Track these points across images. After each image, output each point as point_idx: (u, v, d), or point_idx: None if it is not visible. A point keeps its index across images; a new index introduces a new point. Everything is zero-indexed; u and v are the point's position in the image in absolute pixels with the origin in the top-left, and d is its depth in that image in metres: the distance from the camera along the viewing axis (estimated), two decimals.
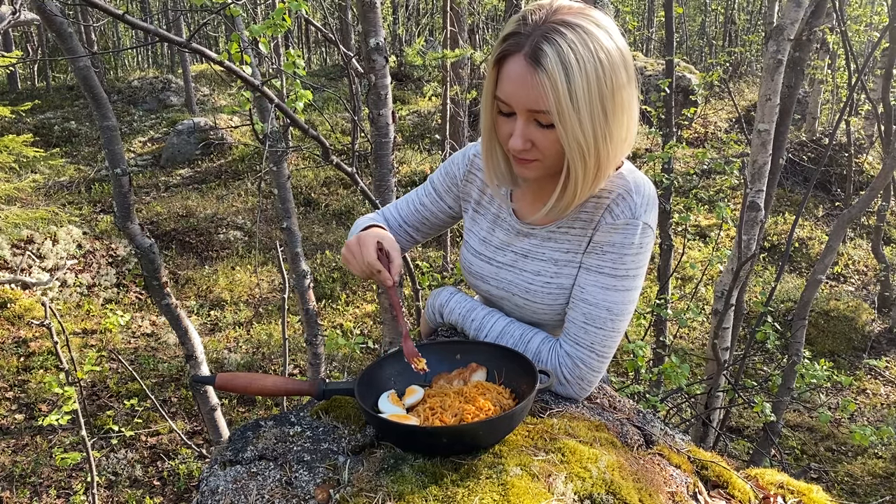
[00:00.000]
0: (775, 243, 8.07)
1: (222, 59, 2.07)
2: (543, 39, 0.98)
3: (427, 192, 1.41)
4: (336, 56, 16.68)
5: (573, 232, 1.19)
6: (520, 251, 1.25)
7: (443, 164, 1.41)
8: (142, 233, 2.94)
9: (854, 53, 4.56)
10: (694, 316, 3.30)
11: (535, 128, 1.04)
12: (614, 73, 1.00)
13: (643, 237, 1.12)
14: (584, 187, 1.08)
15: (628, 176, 1.14)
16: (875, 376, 6.09)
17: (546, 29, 0.99)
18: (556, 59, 0.97)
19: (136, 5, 17.62)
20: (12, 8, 2.99)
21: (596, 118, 1.00)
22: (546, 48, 0.97)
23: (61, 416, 3.26)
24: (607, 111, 1.01)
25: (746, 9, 17.05)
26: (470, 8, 7.67)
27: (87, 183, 9.16)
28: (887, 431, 2.76)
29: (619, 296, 1.13)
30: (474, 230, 1.35)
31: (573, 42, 0.97)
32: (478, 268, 1.32)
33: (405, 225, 1.43)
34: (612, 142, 1.04)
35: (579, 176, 1.06)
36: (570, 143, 1.01)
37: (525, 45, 0.99)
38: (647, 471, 0.98)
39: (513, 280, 1.26)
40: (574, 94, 0.98)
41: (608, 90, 1.00)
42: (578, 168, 1.04)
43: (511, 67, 1.02)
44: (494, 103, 1.09)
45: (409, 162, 9.84)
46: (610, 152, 1.05)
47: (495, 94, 1.07)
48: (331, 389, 1.09)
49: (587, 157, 1.03)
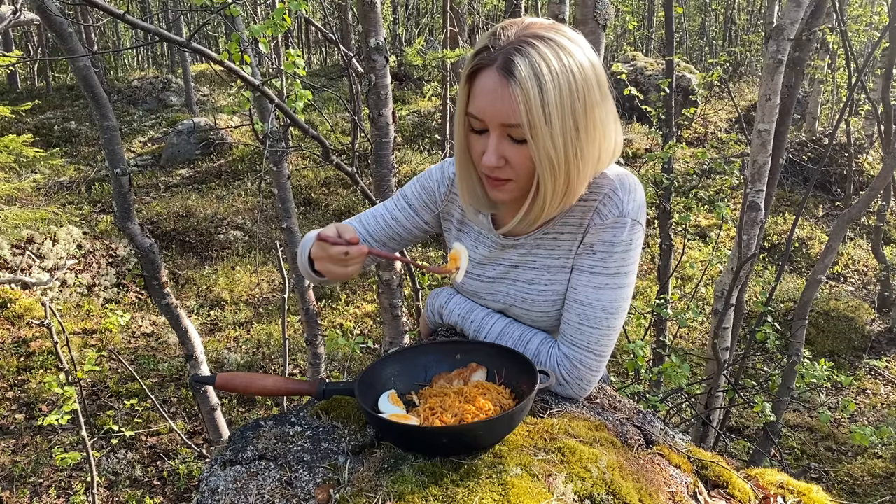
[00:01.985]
0: (775, 243, 8.07)
1: (222, 59, 2.07)
2: (516, 52, 0.97)
3: (400, 207, 1.35)
4: (336, 56, 16.68)
5: (563, 237, 1.18)
6: (509, 263, 1.24)
7: (417, 179, 1.35)
8: (142, 233, 2.94)
9: (854, 53, 4.57)
10: (694, 316, 3.30)
11: (509, 144, 1.03)
12: (587, 87, 0.99)
13: (632, 233, 1.12)
14: (552, 203, 1.06)
15: (612, 175, 1.14)
16: (875, 376, 6.09)
17: (518, 43, 0.98)
18: (528, 71, 0.96)
19: (136, 5, 17.61)
20: (12, 8, 2.99)
21: (568, 133, 0.99)
22: (518, 60, 0.96)
23: (61, 416, 3.26)
24: (579, 127, 1.00)
25: (746, 9, 17.05)
26: (470, 8, 7.67)
27: (87, 183, 9.16)
28: (887, 431, 2.75)
29: (612, 294, 1.13)
30: None
31: (545, 54, 0.97)
32: (470, 286, 1.32)
33: (371, 240, 1.35)
34: (582, 159, 1.03)
35: (548, 191, 1.05)
36: (541, 157, 1.00)
37: (497, 59, 0.99)
38: (647, 471, 0.98)
39: (507, 291, 1.25)
40: (547, 106, 0.97)
41: (581, 105, 0.99)
42: (548, 183, 1.03)
43: (483, 81, 1.01)
44: (467, 121, 1.07)
45: (409, 162, 9.84)
46: (581, 170, 1.04)
47: (468, 110, 1.05)
48: (331, 389, 1.09)
49: (557, 173, 1.02)
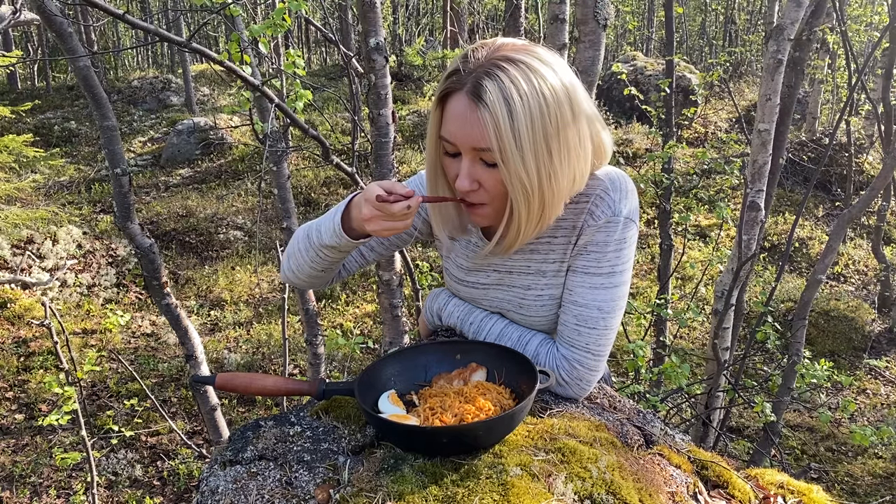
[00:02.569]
0: (775, 243, 8.07)
1: (222, 59, 2.07)
2: (485, 75, 0.96)
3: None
4: (336, 56, 16.68)
5: (556, 241, 1.17)
6: (502, 269, 1.24)
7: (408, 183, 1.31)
8: (142, 233, 2.94)
9: (854, 53, 4.56)
10: (694, 316, 3.30)
11: (482, 167, 1.03)
12: (560, 109, 0.98)
13: (625, 231, 1.11)
14: (528, 227, 1.06)
15: (602, 175, 1.13)
16: (875, 376, 6.09)
17: (488, 66, 0.97)
18: (497, 95, 0.95)
19: (136, 5, 17.61)
20: (12, 8, 2.99)
21: (540, 157, 0.98)
22: (487, 84, 0.95)
23: (61, 416, 3.26)
24: (552, 150, 0.99)
25: (746, 9, 17.04)
26: (470, 8, 7.68)
27: (87, 183, 9.16)
28: (887, 431, 2.75)
29: (607, 293, 1.12)
30: (451, 257, 1.32)
31: (515, 77, 0.96)
32: (465, 293, 1.31)
33: (361, 247, 1.31)
34: (556, 182, 1.02)
35: (522, 216, 1.04)
36: (513, 182, 0.99)
37: (467, 83, 0.98)
38: (647, 471, 0.98)
39: (503, 297, 1.25)
40: (517, 131, 0.95)
41: (553, 128, 0.98)
42: (522, 208, 1.02)
43: (453, 105, 1.00)
44: (440, 144, 1.07)
45: (409, 162, 9.84)
46: (555, 192, 1.03)
47: (440, 134, 1.05)
48: (331, 389, 1.09)
49: (531, 198, 1.01)
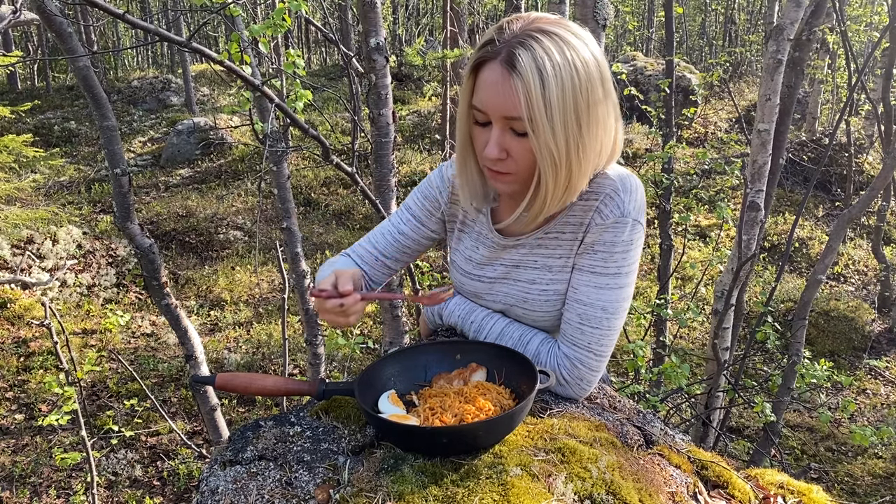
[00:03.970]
0: (775, 243, 8.07)
1: (222, 59, 2.07)
2: (519, 45, 0.98)
3: (406, 220, 1.36)
4: (336, 56, 16.68)
5: (563, 237, 1.18)
6: (509, 263, 1.24)
7: (418, 189, 1.36)
8: (142, 233, 2.94)
9: (854, 53, 4.56)
10: (694, 316, 3.30)
11: (511, 137, 1.04)
12: (590, 84, 1.00)
13: (633, 233, 1.12)
14: (553, 198, 1.07)
15: (613, 175, 1.14)
16: (875, 376, 6.09)
17: (522, 37, 0.99)
18: (530, 64, 0.97)
19: (136, 5, 17.62)
20: (12, 8, 2.99)
21: (570, 128, 1.00)
22: (521, 53, 0.97)
23: (61, 416, 3.26)
24: (581, 122, 1.00)
25: (746, 9, 17.05)
26: (470, 8, 7.68)
27: (87, 183, 9.17)
28: (887, 431, 2.75)
29: (612, 294, 1.13)
30: (459, 249, 1.33)
31: (549, 48, 0.97)
32: (470, 286, 1.32)
33: (384, 258, 1.36)
34: (584, 154, 1.03)
35: (549, 186, 1.05)
36: (542, 151, 1.01)
37: (501, 52, 1.00)
38: (647, 471, 0.98)
39: (508, 292, 1.25)
40: (548, 101, 0.97)
41: (583, 100, 1.00)
42: (549, 178, 1.04)
43: (486, 74, 1.02)
44: (471, 113, 1.08)
45: (409, 162, 9.84)
46: (582, 165, 1.04)
47: (471, 102, 1.06)
48: (331, 389, 1.09)
49: (559, 168, 1.02)
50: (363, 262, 1.36)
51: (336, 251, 7.90)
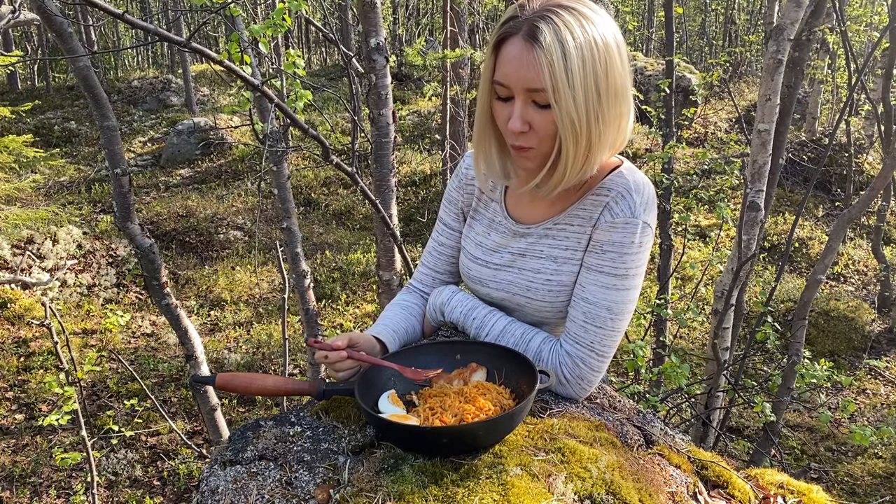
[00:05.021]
0: (775, 243, 8.07)
1: (222, 59, 2.07)
2: (541, 19, 1.02)
3: (442, 232, 1.42)
4: (336, 56, 16.68)
5: (571, 229, 1.19)
6: (517, 251, 1.26)
7: (444, 198, 1.43)
8: (142, 233, 2.94)
9: (854, 53, 4.57)
10: (694, 316, 3.30)
11: (533, 109, 1.07)
12: (609, 55, 1.04)
13: (643, 236, 1.13)
14: (573, 169, 1.09)
15: (628, 175, 1.16)
16: (875, 376, 6.09)
17: (543, 12, 1.03)
18: (552, 37, 1.01)
19: (136, 5, 17.62)
20: (12, 8, 2.99)
21: (590, 97, 1.03)
22: (543, 27, 1.01)
23: (61, 416, 3.26)
24: (601, 91, 1.04)
25: (746, 9, 17.05)
26: (470, 8, 7.67)
27: (87, 183, 9.17)
28: (887, 431, 2.75)
29: (618, 295, 1.14)
30: (470, 235, 1.36)
31: (569, 22, 1.02)
32: (476, 272, 1.33)
33: (441, 275, 1.43)
34: (604, 124, 1.06)
35: (570, 155, 1.07)
36: (563, 120, 1.04)
37: (523, 27, 1.03)
38: (647, 471, 0.98)
39: (513, 280, 1.26)
40: (570, 71, 1.01)
41: (602, 71, 1.03)
42: (570, 147, 1.06)
43: (509, 49, 1.05)
44: (492, 89, 1.11)
45: (409, 162, 9.84)
46: (602, 134, 1.07)
47: (493, 78, 1.09)
48: (331, 389, 1.09)
49: (579, 137, 1.05)
50: (423, 285, 1.44)
51: (336, 251, 7.91)
